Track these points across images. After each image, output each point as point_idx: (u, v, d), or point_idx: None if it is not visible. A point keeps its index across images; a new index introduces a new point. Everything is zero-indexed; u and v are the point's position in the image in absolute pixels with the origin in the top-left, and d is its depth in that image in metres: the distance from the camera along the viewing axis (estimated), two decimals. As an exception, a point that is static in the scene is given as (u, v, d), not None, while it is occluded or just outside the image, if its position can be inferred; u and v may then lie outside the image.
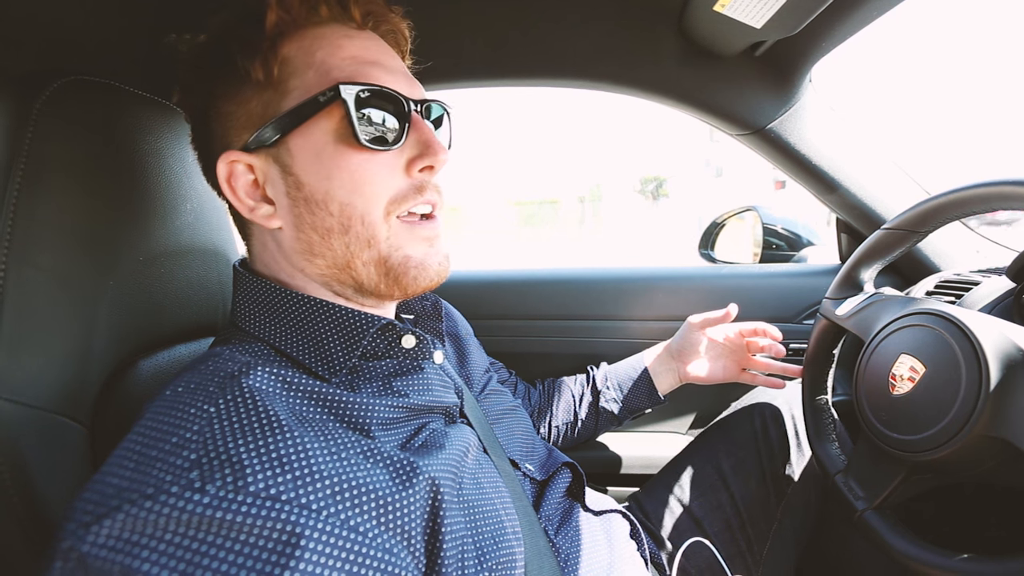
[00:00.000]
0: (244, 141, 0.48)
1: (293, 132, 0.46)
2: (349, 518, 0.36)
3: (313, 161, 0.47)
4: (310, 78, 0.47)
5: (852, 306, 0.72)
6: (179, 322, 0.65)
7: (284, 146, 0.47)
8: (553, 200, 13.87)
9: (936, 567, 0.54)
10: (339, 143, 0.46)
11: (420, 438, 0.48)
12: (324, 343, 0.48)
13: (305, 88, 0.47)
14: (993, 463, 0.53)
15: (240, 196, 0.49)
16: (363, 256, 0.48)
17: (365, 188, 0.47)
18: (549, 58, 0.90)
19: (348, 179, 0.46)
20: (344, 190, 0.46)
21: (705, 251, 1.50)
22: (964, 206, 0.62)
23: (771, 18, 0.69)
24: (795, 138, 0.93)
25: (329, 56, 0.48)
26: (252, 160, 0.48)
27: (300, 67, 0.47)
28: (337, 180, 0.46)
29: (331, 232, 0.47)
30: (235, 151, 0.48)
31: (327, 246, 0.48)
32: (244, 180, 0.48)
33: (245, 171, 0.48)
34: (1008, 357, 0.51)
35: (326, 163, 0.46)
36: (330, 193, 0.46)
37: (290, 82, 0.47)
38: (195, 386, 0.40)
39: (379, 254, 0.48)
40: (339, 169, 0.46)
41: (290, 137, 0.47)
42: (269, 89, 0.47)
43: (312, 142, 0.47)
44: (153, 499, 0.32)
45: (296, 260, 0.50)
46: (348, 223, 0.47)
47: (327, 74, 0.47)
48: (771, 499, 0.80)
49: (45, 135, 0.51)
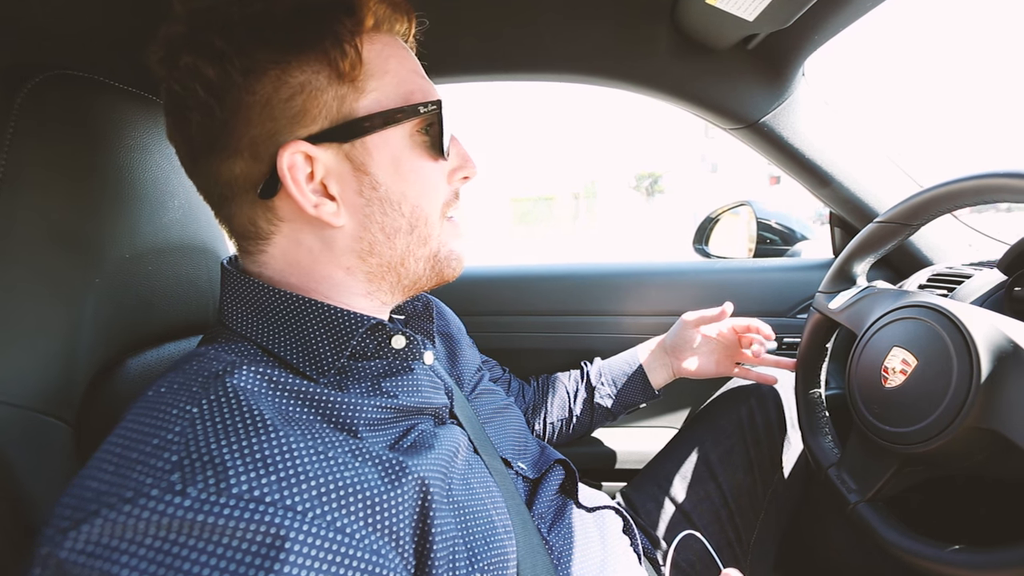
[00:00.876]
0: (311, 132, 0.45)
1: (375, 133, 0.46)
2: (336, 519, 0.36)
3: (391, 163, 0.48)
4: (388, 84, 0.47)
5: (845, 300, 0.72)
6: (168, 320, 0.65)
7: (362, 145, 0.46)
8: (548, 197, 13.88)
9: (928, 558, 0.54)
10: (416, 149, 0.49)
11: (409, 439, 0.48)
12: (312, 342, 0.47)
13: (384, 92, 0.47)
14: (984, 455, 0.53)
15: (304, 191, 0.45)
16: (418, 252, 0.51)
17: (431, 192, 0.51)
18: (542, 53, 0.90)
19: (422, 184, 0.50)
20: (416, 193, 0.49)
21: (699, 246, 1.51)
22: (956, 199, 0.62)
23: (763, 11, 0.69)
24: (788, 132, 0.93)
25: (400, 66, 0.49)
26: (318, 153, 0.45)
27: (376, 71, 0.47)
28: (410, 183, 0.49)
29: (398, 231, 0.49)
30: (302, 141, 0.44)
31: (390, 244, 0.50)
32: (303, 173, 0.45)
33: (304, 163, 0.45)
34: (999, 349, 0.51)
35: (404, 167, 0.48)
36: (405, 195, 0.49)
37: (368, 83, 0.46)
38: (178, 386, 0.39)
39: (431, 250, 0.52)
40: (415, 174, 0.49)
41: (371, 137, 0.46)
42: (347, 84, 0.45)
43: (392, 145, 0.48)
44: (132, 503, 0.32)
45: (346, 259, 0.49)
46: (415, 223, 0.50)
47: (401, 84, 0.48)
48: (758, 488, 0.80)
49: (27, 130, 0.50)
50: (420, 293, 0.66)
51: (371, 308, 0.53)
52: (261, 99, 0.43)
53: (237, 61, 0.42)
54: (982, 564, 0.50)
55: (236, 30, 0.43)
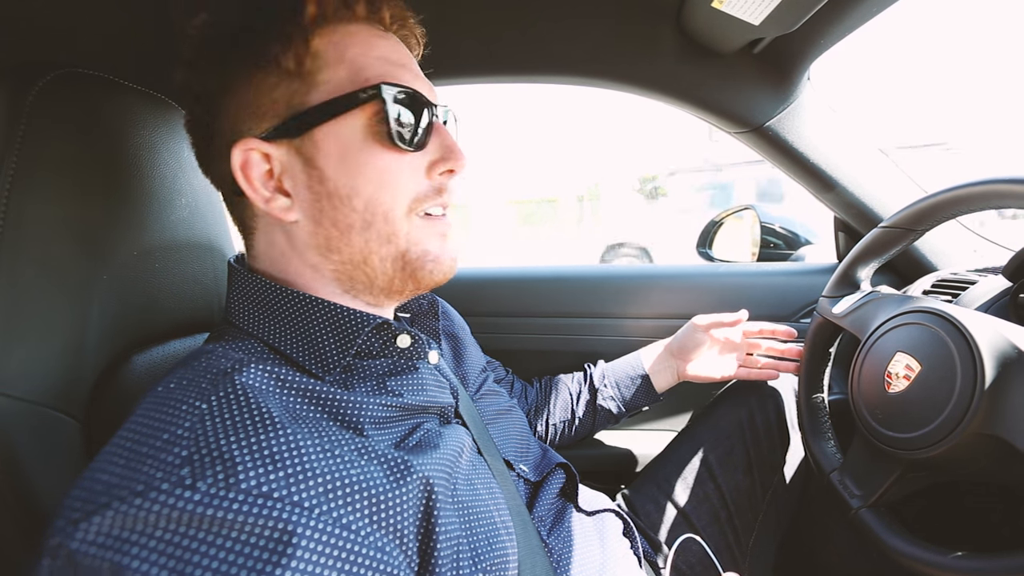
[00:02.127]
0: (263, 130, 0.46)
1: (321, 126, 0.46)
2: (342, 516, 0.36)
3: (340, 156, 0.46)
4: (341, 74, 0.46)
5: (848, 304, 0.72)
6: (174, 317, 0.65)
7: (310, 138, 0.46)
8: (552, 199, 13.84)
9: (931, 564, 0.54)
10: (369, 140, 0.46)
11: (414, 438, 0.48)
12: (318, 341, 0.47)
13: (336, 83, 0.46)
14: (988, 461, 0.53)
15: (256, 186, 0.47)
16: (381, 252, 0.48)
17: (391, 186, 0.47)
18: (547, 55, 0.90)
19: (376, 176, 0.47)
20: (371, 186, 0.47)
21: (703, 249, 1.50)
22: (961, 204, 0.62)
23: (769, 15, 0.69)
24: (793, 136, 0.93)
25: (361, 54, 0.47)
26: (271, 150, 0.47)
27: (331, 62, 0.46)
28: (364, 176, 0.46)
29: (352, 228, 0.47)
30: (253, 139, 0.46)
31: (345, 241, 0.48)
32: (259, 170, 0.47)
33: (261, 160, 0.47)
34: (1003, 355, 0.51)
35: (354, 159, 0.46)
36: (356, 189, 0.46)
37: (319, 75, 0.46)
38: (187, 382, 0.40)
39: (398, 249, 0.49)
40: (367, 166, 0.46)
41: (317, 130, 0.46)
42: (297, 80, 0.46)
43: (341, 137, 0.46)
44: (143, 496, 0.32)
45: (310, 256, 0.49)
46: (371, 219, 0.47)
47: (360, 72, 0.47)
48: (757, 489, 0.80)
49: (38, 128, 0.50)
50: (421, 293, 0.66)
51: (365, 308, 0.52)
52: (231, 103, 0.48)
53: (212, 72, 0.48)
54: (985, 570, 0.50)
55: (206, 47, 0.48)
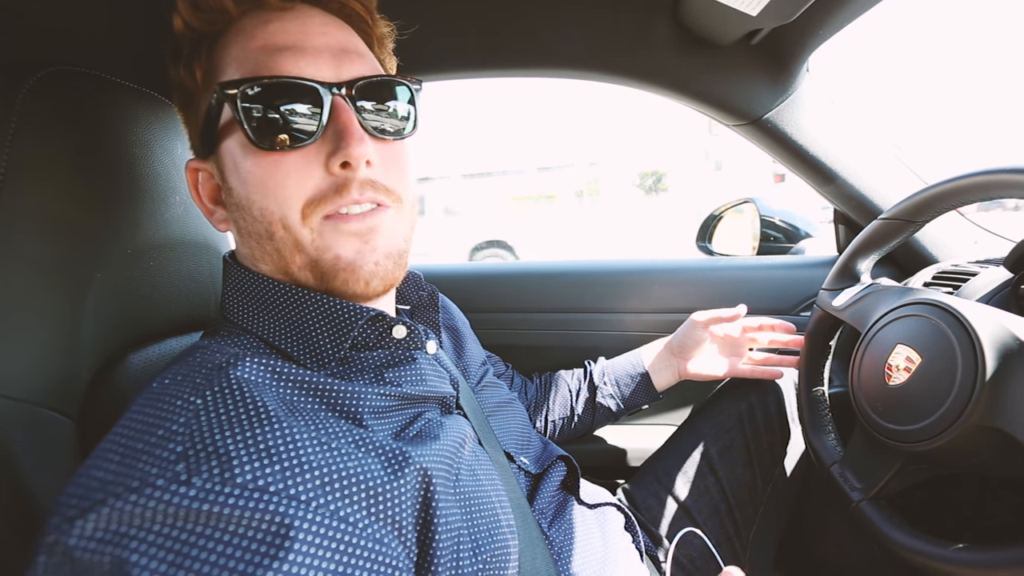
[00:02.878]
0: (195, 148, 0.50)
1: (220, 138, 0.46)
2: (339, 508, 0.36)
3: (233, 167, 0.46)
4: (229, 76, 0.45)
5: (848, 297, 0.72)
6: (170, 315, 0.65)
7: (219, 153, 0.48)
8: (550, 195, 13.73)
9: (932, 557, 0.54)
10: (246, 146, 0.44)
11: (414, 428, 0.48)
12: (312, 334, 0.47)
13: None
14: (989, 453, 0.53)
15: (204, 201, 0.51)
16: (296, 261, 0.46)
17: (277, 192, 0.43)
18: (544, 49, 0.89)
19: (259, 184, 0.44)
20: (259, 195, 0.44)
21: (703, 243, 1.50)
22: (961, 195, 0.62)
23: (767, 5, 0.68)
24: (792, 128, 0.93)
25: (240, 50, 0.45)
26: (205, 166, 0.50)
27: (222, 66, 0.45)
28: (251, 185, 0.44)
29: (261, 237, 0.46)
30: (195, 159, 0.50)
31: (262, 250, 0.47)
32: (208, 185, 0.50)
33: (207, 177, 0.50)
34: (1004, 347, 0.50)
35: (241, 168, 0.44)
36: (250, 199, 0.45)
37: (213, 85, 0.45)
38: (182, 378, 0.39)
39: (308, 257, 0.45)
40: (249, 174, 0.44)
41: (220, 143, 0.47)
42: (204, 93, 0.47)
43: (230, 147, 0.45)
44: (138, 492, 0.32)
45: (257, 263, 0.50)
46: (271, 228, 0.45)
47: (239, 71, 0.44)
48: (757, 482, 0.80)
49: (29, 125, 0.50)
50: (425, 283, 0.66)
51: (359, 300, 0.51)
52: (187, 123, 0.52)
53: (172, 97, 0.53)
54: (986, 563, 0.49)
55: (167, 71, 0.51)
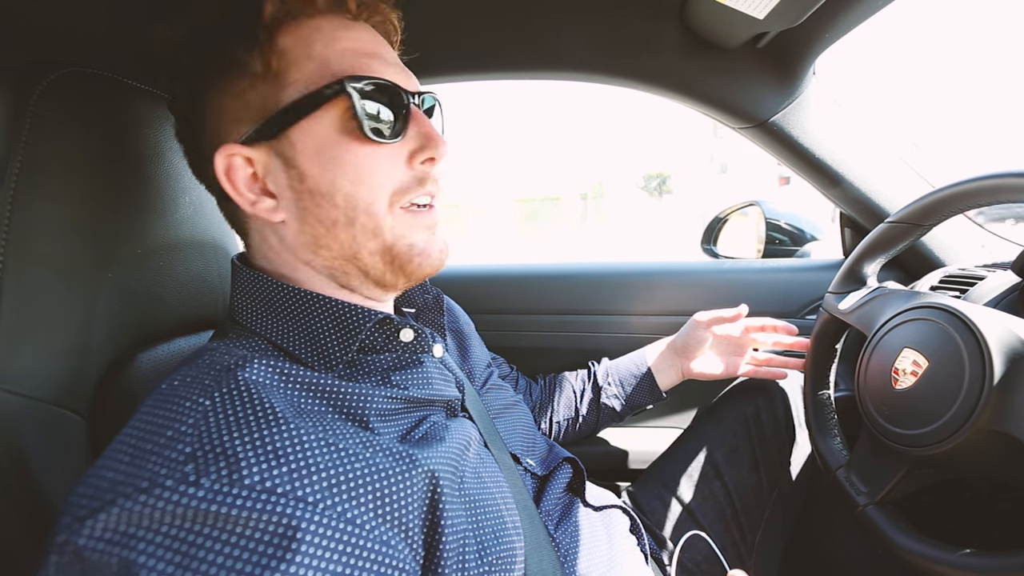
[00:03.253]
0: (242, 134, 0.47)
1: (295, 125, 0.46)
2: (346, 510, 0.36)
3: (317, 153, 0.46)
4: (310, 70, 0.46)
5: (855, 300, 0.71)
6: (179, 315, 0.65)
7: (286, 139, 0.46)
8: (555, 197, 13.74)
9: (939, 562, 0.54)
10: (343, 135, 0.46)
11: (420, 430, 0.48)
12: (321, 337, 0.47)
13: (306, 81, 0.46)
14: (996, 458, 0.53)
15: (241, 190, 0.48)
16: (369, 246, 0.48)
17: (369, 180, 0.47)
18: (550, 51, 0.90)
19: (353, 171, 0.46)
20: (348, 182, 0.46)
21: (708, 246, 1.50)
22: (968, 199, 0.62)
23: (774, 8, 0.68)
24: (798, 131, 0.92)
25: (327, 48, 0.47)
26: (251, 153, 0.47)
27: (299, 59, 0.46)
28: (341, 172, 0.46)
29: (336, 224, 0.47)
30: (233, 144, 0.47)
31: (332, 237, 0.48)
32: (243, 174, 0.48)
33: (244, 164, 0.47)
34: (1012, 351, 0.50)
35: (330, 155, 0.46)
36: (335, 185, 0.46)
37: (289, 74, 0.46)
38: (191, 380, 0.40)
39: (384, 243, 0.49)
40: (343, 162, 0.46)
41: (292, 130, 0.46)
42: (267, 81, 0.46)
43: (315, 135, 0.46)
44: (148, 492, 0.32)
45: (301, 253, 0.49)
46: (353, 214, 0.47)
47: (327, 67, 0.46)
48: (763, 486, 0.80)
49: (42, 127, 0.51)
50: (430, 286, 0.66)
51: (364, 303, 0.53)
52: (211, 108, 0.49)
53: (191, 79, 0.49)
54: (994, 568, 0.49)
55: (180, 55, 0.49)
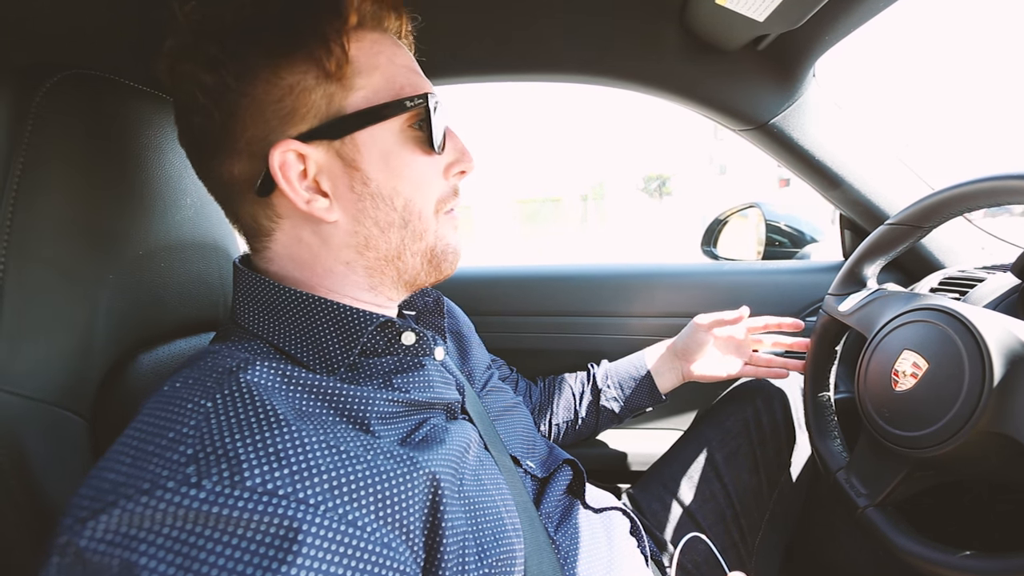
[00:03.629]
0: (300, 131, 0.46)
1: (363, 130, 0.47)
2: (347, 512, 0.36)
3: (382, 159, 0.48)
4: (377, 80, 0.48)
5: (855, 302, 0.72)
6: (180, 316, 0.66)
7: (351, 141, 0.47)
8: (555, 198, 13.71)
9: (939, 564, 0.54)
10: (407, 144, 0.49)
11: (420, 433, 0.48)
12: (322, 340, 0.47)
13: (373, 89, 0.48)
14: (996, 460, 0.53)
15: (296, 187, 0.47)
16: (413, 247, 0.51)
17: (425, 188, 0.51)
18: (550, 53, 0.90)
19: (414, 178, 0.50)
20: (409, 188, 0.50)
21: (708, 248, 1.50)
22: (968, 201, 0.62)
23: (774, 11, 0.68)
24: (798, 133, 0.93)
25: (389, 63, 0.49)
26: (308, 151, 0.47)
27: (365, 68, 0.48)
28: (404, 178, 0.49)
29: (392, 226, 0.50)
30: (292, 140, 0.46)
31: (384, 239, 0.50)
32: (296, 171, 0.47)
33: (296, 161, 0.47)
34: (1012, 353, 0.50)
35: (395, 162, 0.49)
36: (397, 190, 0.49)
37: (356, 80, 0.47)
38: (193, 381, 0.40)
39: (427, 245, 0.52)
40: (408, 169, 0.49)
41: (359, 134, 0.47)
42: (335, 83, 0.47)
43: (381, 141, 0.48)
44: (149, 494, 0.32)
45: (345, 253, 0.50)
46: (409, 217, 0.50)
47: (392, 80, 0.49)
48: (763, 488, 0.80)
49: (45, 128, 0.51)
50: (430, 288, 0.66)
51: (377, 303, 0.54)
52: (254, 101, 0.46)
53: (230, 66, 0.45)
54: (994, 570, 0.49)
55: (228, 36, 0.45)
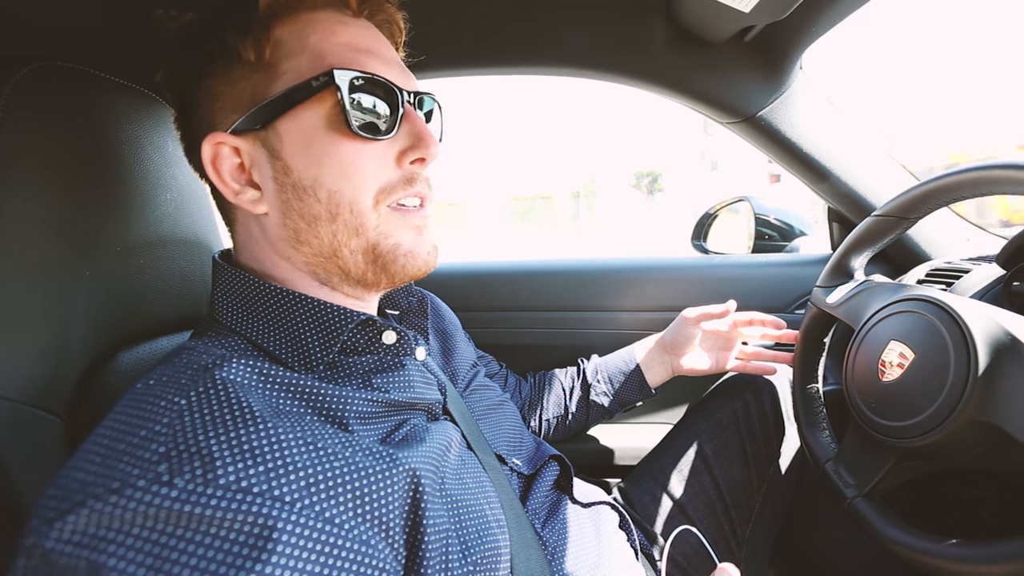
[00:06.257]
0: (231, 123, 0.46)
1: (283, 116, 0.45)
2: (324, 510, 0.36)
3: (302, 147, 0.46)
4: (303, 62, 0.46)
5: (842, 294, 0.72)
6: (161, 314, 0.64)
7: (273, 130, 0.46)
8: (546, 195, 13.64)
9: (925, 553, 0.54)
10: (330, 130, 0.46)
11: (400, 433, 0.47)
12: (301, 337, 0.46)
13: (297, 72, 0.46)
14: (982, 448, 0.53)
15: (225, 179, 0.47)
16: (351, 244, 0.47)
17: (355, 176, 0.46)
18: (538, 46, 0.89)
19: (338, 166, 0.46)
20: (333, 177, 0.46)
21: (698, 242, 1.50)
22: (953, 191, 0.62)
23: (760, 2, 0.68)
24: (786, 126, 0.93)
25: (323, 41, 0.47)
26: (239, 143, 0.47)
27: (293, 50, 0.46)
28: (327, 167, 0.45)
29: (318, 219, 0.46)
30: (221, 133, 0.46)
31: (313, 233, 0.47)
32: (230, 163, 0.47)
33: (231, 154, 0.47)
34: (996, 342, 0.51)
35: (316, 149, 0.45)
36: (319, 180, 0.46)
37: (282, 65, 0.46)
38: (167, 379, 0.39)
39: (367, 242, 0.48)
40: (328, 156, 0.45)
41: (280, 121, 0.46)
42: (260, 71, 0.46)
43: (302, 127, 0.46)
44: (119, 493, 0.32)
45: (282, 248, 0.49)
46: (336, 210, 0.46)
47: (320, 59, 0.46)
48: (753, 480, 0.80)
49: (16, 121, 0.49)
50: (415, 288, 0.65)
51: (347, 303, 0.52)
52: (200, 98, 0.49)
53: (182, 69, 0.49)
54: (980, 558, 0.49)
55: (177, 44, 0.49)
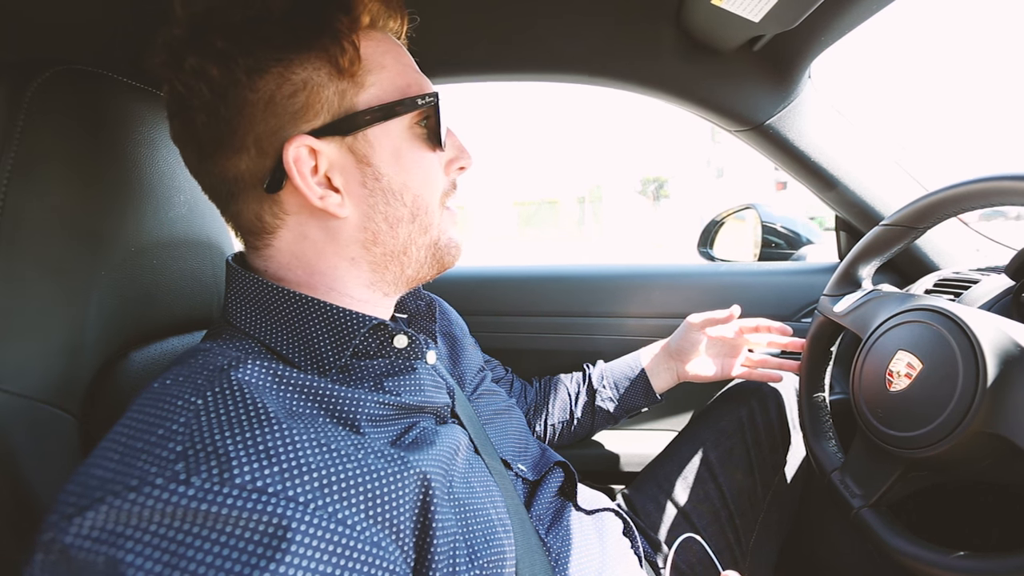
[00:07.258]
0: (313, 126, 0.46)
1: (375, 126, 0.48)
2: (337, 511, 0.36)
3: (392, 154, 0.49)
4: (386, 78, 0.49)
5: (850, 303, 0.72)
6: (173, 314, 0.65)
7: (363, 137, 0.48)
8: (553, 200, 13.67)
9: (933, 565, 0.54)
10: (415, 141, 0.51)
11: (410, 436, 0.48)
12: (314, 341, 0.47)
13: (383, 87, 0.48)
14: (990, 460, 0.53)
15: (310, 183, 0.47)
16: (419, 241, 0.53)
17: (431, 182, 0.52)
18: (547, 53, 0.90)
19: (422, 173, 0.51)
20: (418, 183, 0.51)
21: (704, 249, 1.50)
22: (962, 202, 0.62)
23: (769, 11, 0.69)
24: (794, 134, 0.93)
25: (396, 62, 0.50)
26: (320, 146, 0.46)
27: (374, 66, 0.48)
28: (413, 174, 0.50)
29: (400, 221, 0.51)
30: (306, 136, 0.46)
31: (392, 234, 0.51)
32: (308, 166, 0.47)
33: (308, 157, 0.47)
34: (1006, 353, 0.50)
35: (406, 158, 0.50)
36: (407, 185, 0.50)
37: (367, 78, 0.48)
38: (183, 379, 0.40)
39: (432, 238, 0.53)
40: (416, 164, 0.51)
41: (371, 130, 0.48)
42: (346, 79, 0.47)
43: (393, 137, 0.49)
44: (137, 491, 0.32)
45: (351, 249, 0.50)
46: (417, 212, 0.51)
47: (400, 78, 0.50)
48: (758, 489, 0.80)
49: (36, 124, 0.50)
50: (423, 292, 0.66)
51: (373, 300, 0.53)
52: (264, 96, 0.45)
53: (241, 60, 0.44)
54: (988, 571, 0.49)
55: (238, 30, 0.44)
